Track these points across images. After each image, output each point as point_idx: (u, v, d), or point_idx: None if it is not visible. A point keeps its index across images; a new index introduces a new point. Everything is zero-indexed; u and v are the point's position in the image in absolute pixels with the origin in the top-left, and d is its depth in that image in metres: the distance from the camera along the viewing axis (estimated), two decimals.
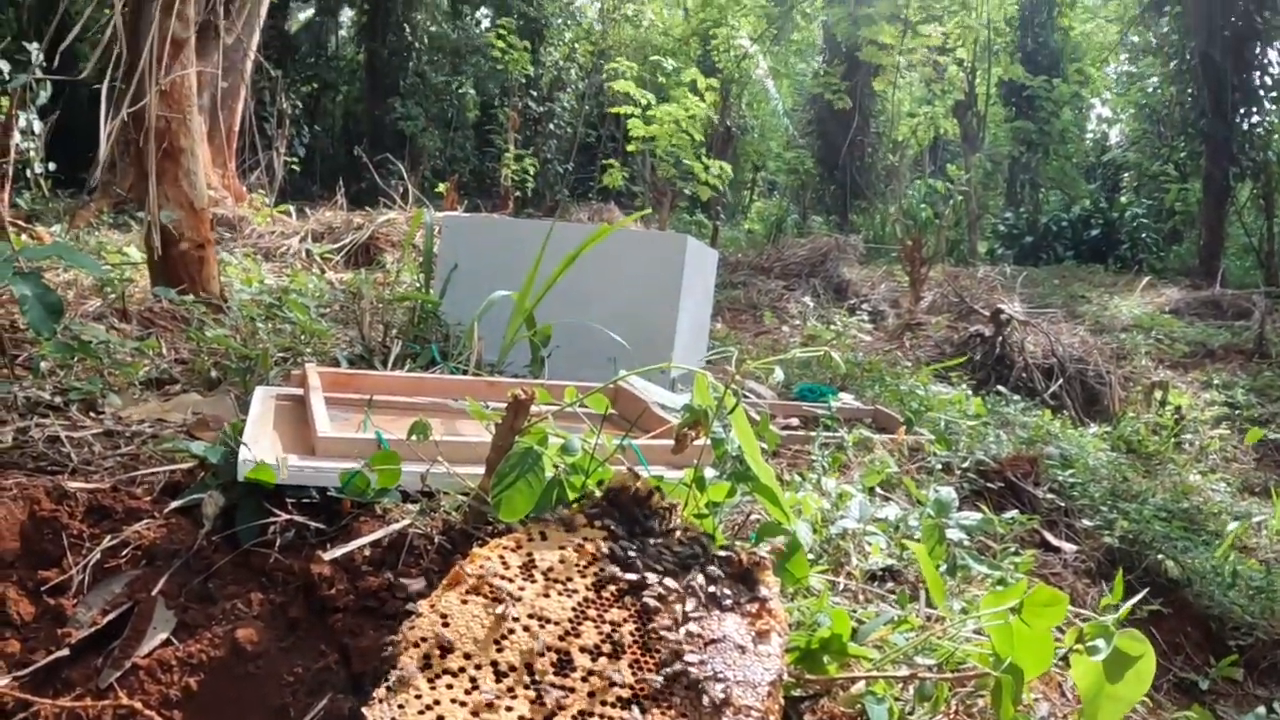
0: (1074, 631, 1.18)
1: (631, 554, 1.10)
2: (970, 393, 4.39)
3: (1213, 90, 12.54)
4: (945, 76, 16.40)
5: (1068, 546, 2.90)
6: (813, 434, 3.02)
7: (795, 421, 3.52)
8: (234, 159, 10.19)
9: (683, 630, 1.00)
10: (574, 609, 1.02)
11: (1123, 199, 16.33)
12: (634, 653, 0.98)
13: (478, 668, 0.95)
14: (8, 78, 5.06)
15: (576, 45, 18.70)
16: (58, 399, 2.39)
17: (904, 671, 1.34)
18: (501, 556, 1.05)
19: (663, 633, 1.00)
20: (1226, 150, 12.56)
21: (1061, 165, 17.59)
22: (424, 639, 0.96)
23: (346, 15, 20.54)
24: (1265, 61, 12.51)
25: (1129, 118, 18.78)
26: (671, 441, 1.40)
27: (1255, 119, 12.56)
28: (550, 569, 1.05)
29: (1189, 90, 13.88)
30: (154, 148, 3.65)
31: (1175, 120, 15.09)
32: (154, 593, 1.38)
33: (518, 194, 14.06)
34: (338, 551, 1.38)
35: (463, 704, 0.92)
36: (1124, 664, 1.13)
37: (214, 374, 2.85)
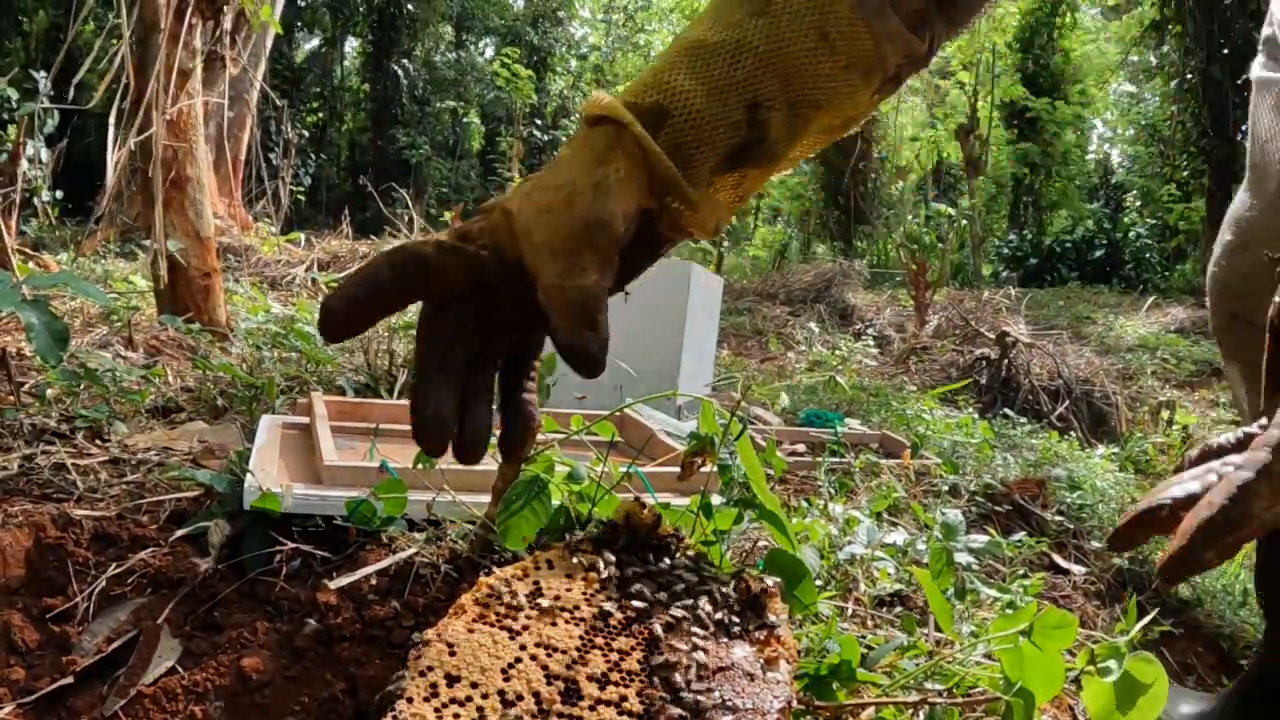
0: (1085, 653, 1.17)
1: (639, 581, 1.10)
2: (977, 416, 4.38)
3: (1214, 109, 12.60)
4: (947, 100, 16.48)
5: (1077, 569, 2.88)
6: (819, 459, 3.01)
7: (802, 447, 3.51)
8: (240, 188, 10.26)
9: (691, 658, 1.00)
10: (581, 637, 1.01)
11: (1126, 219, 16.37)
12: (642, 681, 0.98)
13: (484, 697, 0.94)
14: (15, 106, 5.11)
15: (582, 74, 18.82)
16: (64, 426, 2.40)
17: (914, 697, 1.33)
18: (508, 585, 1.05)
19: (671, 660, 0.99)
20: (1229, 168, 12.61)
21: (1065, 186, 17.64)
22: (430, 668, 0.95)
23: (351, 45, 20.70)
24: None
25: (1130, 138, 18.84)
26: (678, 469, 1.40)
27: None
28: (557, 597, 1.05)
29: (1190, 109, 13.92)
30: (160, 177, 3.67)
31: (1177, 140, 15.15)
32: (159, 620, 1.38)
33: None
34: (344, 580, 1.37)
35: None
36: (1136, 688, 1.12)
37: (220, 402, 2.86)
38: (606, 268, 0.95)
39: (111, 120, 3.79)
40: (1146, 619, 1.35)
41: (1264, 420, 0.81)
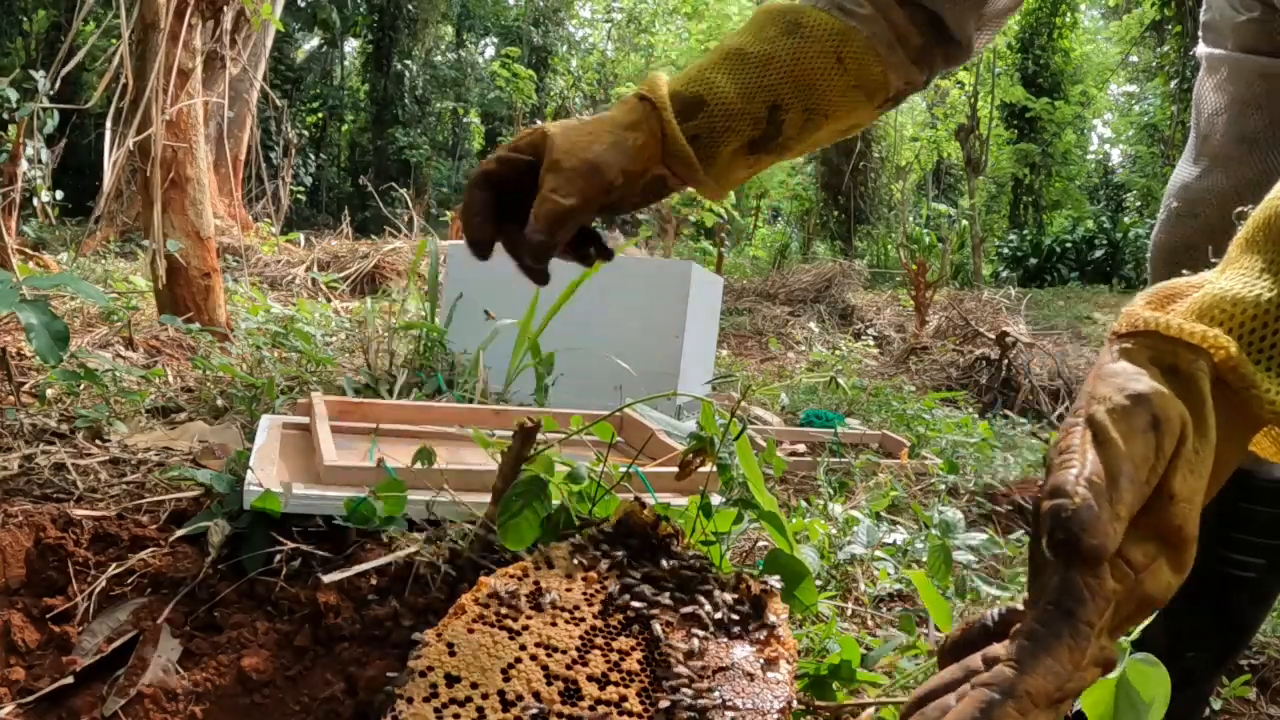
0: None
1: (638, 582, 1.10)
2: (977, 416, 4.38)
3: None
4: (947, 101, 16.47)
5: None
6: (819, 459, 3.01)
7: (802, 447, 3.51)
8: (240, 188, 10.26)
9: (691, 658, 1.00)
10: (581, 637, 1.01)
11: (1126, 219, 16.36)
12: (642, 681, 0.98)
13: (484, 697, 0.94)
14: (16, 106, 5.11)
15: (582, 74, 18.80)
16: (64, 426, 2.40)
17: None
18: (508, 585, 1.05)
19: (671, 660, 0.99)
20: None
21: (1065, 186, 17.62)
22: (430, 668, 0.95)
23: (352, 45, 20.69)
24: None
25: (1130, 138, 18.83)
26: (677, 469, 1.40)
27: None
28: (557, 597, 1.05)
29: (1189, 108, 13.93)
30: (159, 177, 3.67)
31: (1177, 140, 15.16)
32: (159, 620, 1.38)
33: None
34: (339, 575, 1.37)
35: None
36: (1137, 691, 1.11)
37: (220, 402, 2.86)
38: (586, 200, 1.16)
39: (109, 120, 3.79)
40: (1147, 619, 1.35)
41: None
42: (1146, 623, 1.35)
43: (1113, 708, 1.11)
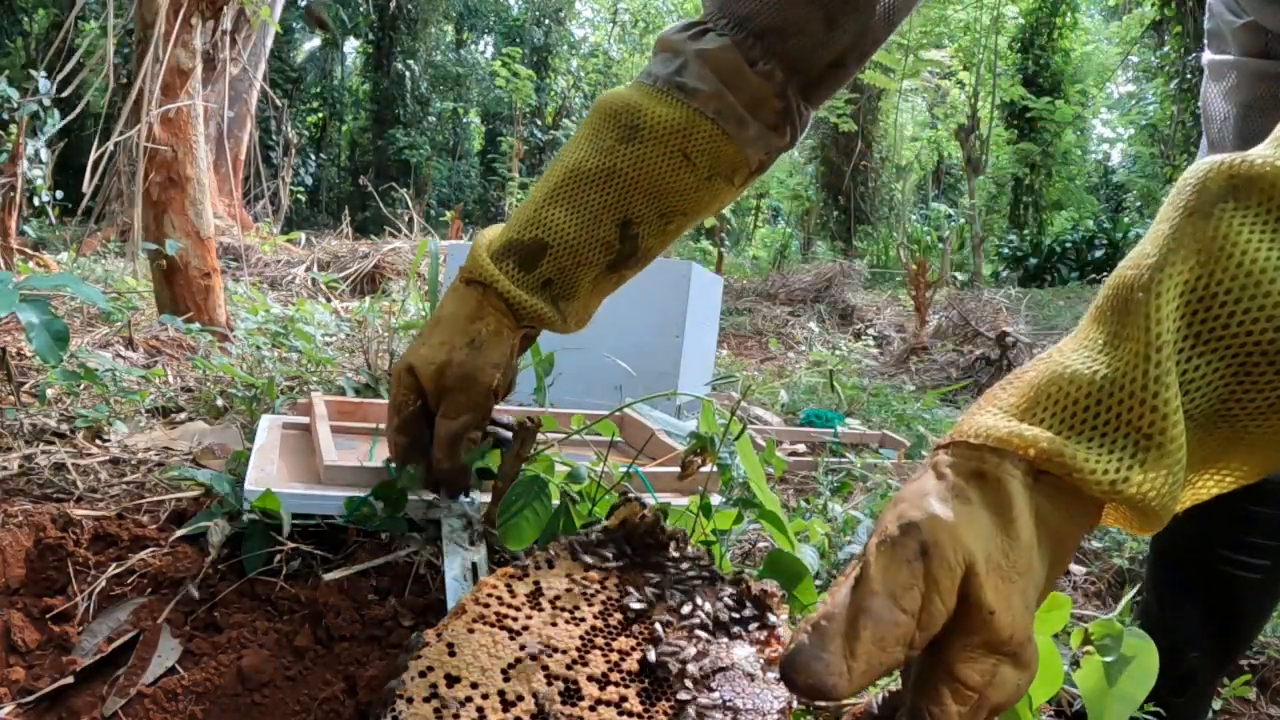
0: (1079, 633, 1.17)
1: (639, 581, 1.10)
2: None
3: None
4: (947, 100, 16.47)
5: (1077, 568, 2.88)
6: (819, 459, 3.01)
7: (802, 447, 3.51)
8: (240, 188, 10.26)
9: (691, 658, 1.00)
10: (581, 637, 1.01)
11: (1125, 219, 16.35)
12: (642, 681, 0.98)
13: (484, 697, 0.94)
14: (16, 106, 5.11)
15: (582, 74, 18.79)
16: (64, 426, 2.40)
17: None
18: (508, 585, 1.05)
19: (671, 661, 0.99)
20: None
21: (1065, 186, 17.61)
22: (430, 668, 0.95)
23: (351, 45, 20.68)
24: None
25: (1130, 138, 18.82)
26: (678, 469, 1.40)
27: None
28: (557, 597, 1.04)
29: (1190, 109, 13.92)
30: (143, 177, 3.68)
31: (1177, 140, 15.16)
32: (159, 620, 1.37)
33: None
34: (337, 574, 1.37)
35: None
36: (1125, 661, 1.11)
37: (220, 402, 2.85)
38: (476, 410, 1.24)
39: (102, 120, 3.80)
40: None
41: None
42: (1145, 627, 1.35)
43: (1104, 678, 1.11)
